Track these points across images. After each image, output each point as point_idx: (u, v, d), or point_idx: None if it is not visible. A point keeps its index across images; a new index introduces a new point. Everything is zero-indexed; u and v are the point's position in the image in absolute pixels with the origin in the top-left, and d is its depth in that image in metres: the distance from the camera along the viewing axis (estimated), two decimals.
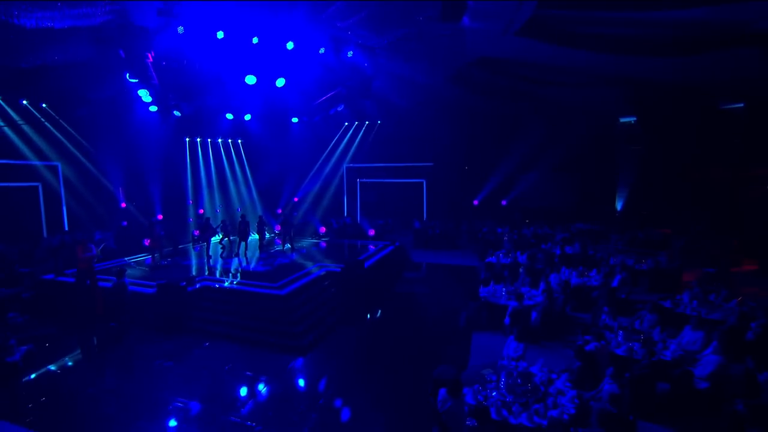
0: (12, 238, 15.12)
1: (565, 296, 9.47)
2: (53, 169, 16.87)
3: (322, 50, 11.14)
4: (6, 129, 15.15)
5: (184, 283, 10.57)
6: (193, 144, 20.20)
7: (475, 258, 17.04)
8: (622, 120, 21.67)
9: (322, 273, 12.05)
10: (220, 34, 9.99)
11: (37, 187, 16.63)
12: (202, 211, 20.99)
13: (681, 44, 12.23)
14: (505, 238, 15.48)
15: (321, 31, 10.04)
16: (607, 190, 21.71)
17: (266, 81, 11.37)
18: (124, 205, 18.96)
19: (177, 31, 9.62)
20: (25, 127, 15.55)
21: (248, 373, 7.92)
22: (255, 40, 10.33)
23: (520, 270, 12.56)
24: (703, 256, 13.36)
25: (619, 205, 21.95)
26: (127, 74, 10.06)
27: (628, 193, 21.56)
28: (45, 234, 16.62)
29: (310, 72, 11.74)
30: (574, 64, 14.59)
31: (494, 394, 5.72)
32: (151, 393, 7.25)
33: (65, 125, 16.29)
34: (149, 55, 9.67)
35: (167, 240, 15.25)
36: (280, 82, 11.14)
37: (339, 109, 13.96)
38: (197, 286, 10.77)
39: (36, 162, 15.81)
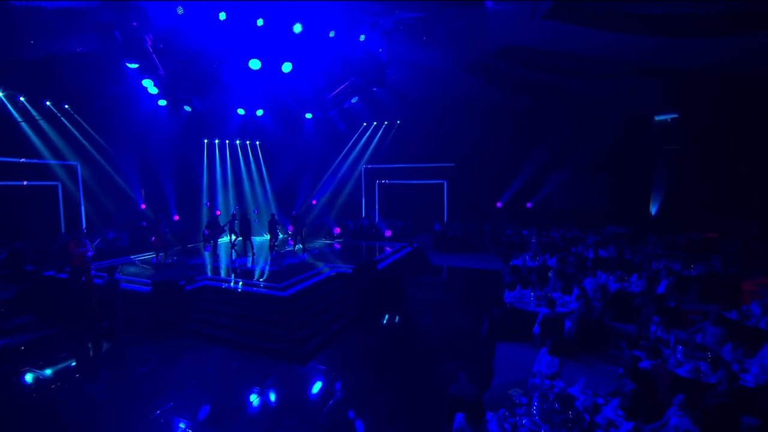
0: (32, 235, 14.84)
1: (603, 303, 8.00)
2: (72, 169, 16.62)
3: (332, 34, 10.12)
4: (26, 128, 14.92)
5: (183, 281, 9.65)
6: (210, 145, 19.57)
7: (499, 261, 15.62)
8: (658, 118, 19.86)
9: (332, 274, 10.94)
10: (222, 16, 9.11)
11: (56, 186, 16.40)
12: (219, 212, 20.34)
13: (732, 22, 10.62)
14: (533, 241, 13.96)
15: (330, 7, 9.00)
16: (641, 192, 19.88)
17: (273, 68, 10.42)
18: (143, 206, 18.49)
19: (176, 12, 8.79)
20: (46, 127, 15.28)
21: (239, 382, 6.84)
22: (260, 22, 9.40)
23: (550, 274, 11.14)
24: (762, 262, 11.53)
25: (654, 208, 20.06)
26: (126, 61, 9.26)
27: (664, 195, 19.67)
28: (63, 231, 16.37)
29: (319, 58, 10.74)
30: (609, 51, 13.09)
31: (525, 422, 4.42)
32: (134, 401, 6.26)
33: (84, 124, 15.98)
34: (147, 39, 8.90)
35: (176, 239, 14.52)
36: (287, 67, 10.14)
37: (353, 101, 12.88)
38: (196, 285, 9.82)
39: (56, 161, 15.61)
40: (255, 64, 9.76)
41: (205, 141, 19.71)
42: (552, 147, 19.87)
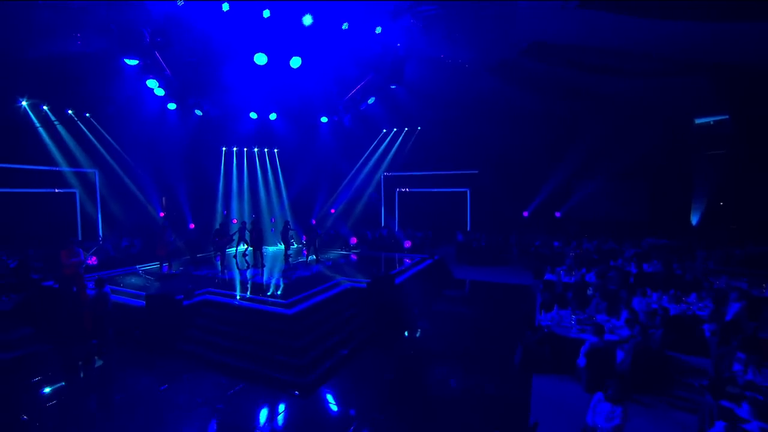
0: (47, 243, 14.36)
1: (664, 330, 6.51)
2: (90, 176, 16.20)
3: (345, 26, 9.10)
4: (45, 136, 14.56)
5: (181, 295, 8.66)
6: (226, 153, 18.87)
7: (528, 275, 14.13)
8: (698, 121, 18.01)
9: (345, 289, 9.78)
10: (225, 6, 8.21)
11: (74, 193, 16.03)
12: (235, 220, 19.60)
13: None
14: (569, 253, 12.40)
15: None
16: (681, 201, 18.01)
17: (282, 65, 9.46)
18: (162, 214, 17.90)
19: (176, 3, 7.94)
20: (65, 135, 14.90)
21: (230, 418, 5.70)
22: (266, 13, 8.46)
23: (589, 291, 9.67)
24: None
25: (695, 218, 18.13)
26: (124, 56, 8.47)
27: (707, 204, 17.74)
28: (80, 238, 15.93)
29: (332, 53, 9.74)
30: (654, 45, 11.60)
31: None
32: None
33: (102, 131, 15.54)
34: (146, 33, 8.09)
35: (187, 247, 13.70)
36: (296, 62, 9.15)
37: (370, 102, 11.81)
38: (196, 299, 8.81)
39: (75, 169, 15.25)
40: (261, 58, 8.81)
41: (223, 149, 19.07)
42: (583, 153, 18.30)
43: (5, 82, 11.97)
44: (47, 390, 6.69)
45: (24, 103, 13.27)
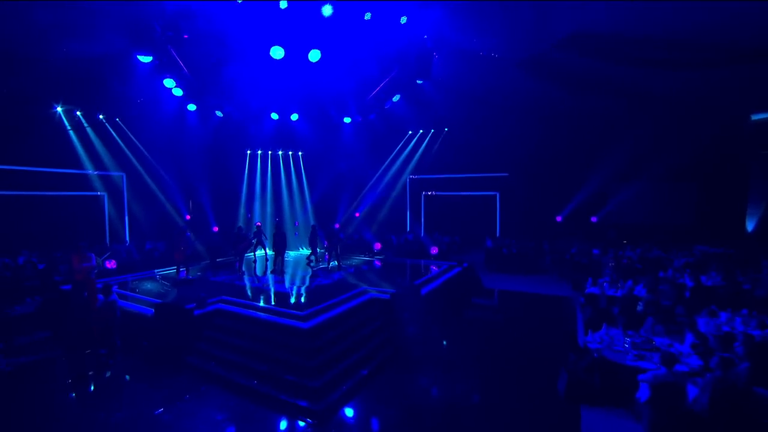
0: (74, 246, 14.28)
1: (751, 362, 5.30)
2: (118, 179, 16.12)
3: (367, 16, 8.29)
4: (75, 139, 14.53)
5: (193, 304, 8.04)
6: (249, 155, 18.44)
7: (565, 285, 12.92)
8: (755, 117, 16.21)
9: (366, 300, 8.92)
10: None
11: (103, 196, 16.00)
12: (259, 223, 19.14)
13: None
14: (611, 264, 11.09)
15: None
16: (733, 205, 16.28)
17: (301, 59, 8.75)
18: (188, 217, 17.64)
19: None
20: (94, 139, 14.84)
21: None
22: (283, 4, 7.77)
23: (639, 307, 8.47)
24: None
25: (751, 224, 16.34)
26: (137, 52, 7.97)
27: (765, 208, 15.95)
28: (107, 242, 15.88)
29: (354, 46, 8.94)
30: (713, 31, 10.23)
31: None
32: None
33: (130, 135, 15.37)
34: (157, 26, 7.57)
35: (206, 251, 13.23)
36: (315, 55, 8.40)
37: (395, 100, 10.97)
38: (208, 308, 8.16)
39: (105, 172, 15.19)
40: (278, 52, 8.11)
41: (248, 152, 18.68)
42: (624, 153, 16.82)
43: (34, 87, 11.90)
44: (45, 402, 6.14)
45: (59, 108, 13.32)
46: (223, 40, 8.65)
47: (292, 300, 9.04)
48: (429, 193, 20.58)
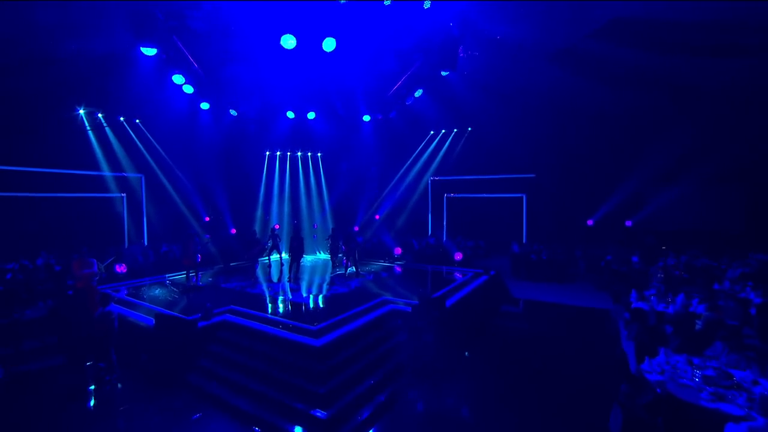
0: (91, 248, 13.98)
1: None
2: (137, 181, 15.79)
3: (387, 1, 7.40)
4: (94, 141, 14.26)
5: (199, 314, 7.33)
6: (264, 156, 17.86)
7: (601, 296, 11.67)
8: None
9: (385, 312, 8.03)
10: None
11: (122, 197, 15.70)
12: (277, 226, 18.55)
13: None
14: (659, 274, 9.79)
15: None
16: None
17: (315, 51, 7.93)
18: (207, 218, 17.20)
19: None
20: (113, 141, 14.54)
21: None
22: None
23: (697, 325, 7.31)
24: None
25: None
26: (140, 44, 7.33)
27: None
28: (126, 244, 15.58)
29: (373, 35, 8.06)
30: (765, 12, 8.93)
31: None
32: None
33: (149, 137, 15.01)
34: (159, 14, 6.93)
35: (220, 255, 12.62)
36: (329, 45, 7.57)
37: (417, 95, 10.07)
38: (215, 320, 7.44)
39: (124, 174, 14.86)
40: (288, 41, 7.32)
41: (267, 153, 18.12)
42: (664, 154, 15.36)
43: (51, 88, 11.58)
44: (29, 418, 5.51)
45: (81, 111, 13.05)
46: (231, 32, 7.94)
47: (305, 311, 8.24)
48: (451, 195, 19.51)
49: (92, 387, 6.49)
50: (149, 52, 7.57)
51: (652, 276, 10.06)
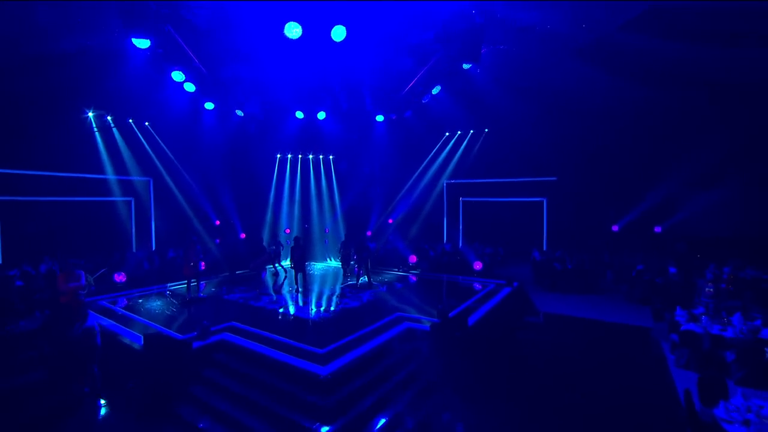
0: (97, 253, 13.42)
1: None
2: (142, 185, 15.20)
3: None
4: (101, 145, 13.72)
5: (194, 333, 6.53)
6: (274, 160, 17.13)
7: (636, 310, 10.56)
8: None
9: (401, 331, 7.11)
10: None
11: (130, 201, 15.16)
12: (288, 230, 17.80)
13: None
14: (708, 288, 8.61)
15: None
16: None
17: (324, 45, 7.07)
18: (218, 222, 16.57)
19: None
20: (121, 144, 14.00)
21: None
22: None
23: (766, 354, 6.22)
24: None
25: None
26: (132, 34, 6.57)
27: None
28: (134, 248, 15.05)
29: (389, 28, 7.18)
30: None
31: None
32: None
33: (158, 140, 14.42)
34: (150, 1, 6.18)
35: (226, 262, 11.87)
36: (339, 34, 6.70)
37: (434, 92, 9.16)
38: (212, 339, 6.62)
39: (132, 177, 14.33)
40: (292, 30, 6.48)
41: (278, 156, 17.41)
42: (699, 155, 14.12)
43: (52, 89, 11.02)
44: None
45: (90, 114, 12.57)
46: (234, 27, 7.17)
47: (312, 329, 7.37)
48: (468, 199, 18.49)
49: (70, 414, 5.71)
50: (142, 44, 6.80)
51: (699, 290, 8.88)
